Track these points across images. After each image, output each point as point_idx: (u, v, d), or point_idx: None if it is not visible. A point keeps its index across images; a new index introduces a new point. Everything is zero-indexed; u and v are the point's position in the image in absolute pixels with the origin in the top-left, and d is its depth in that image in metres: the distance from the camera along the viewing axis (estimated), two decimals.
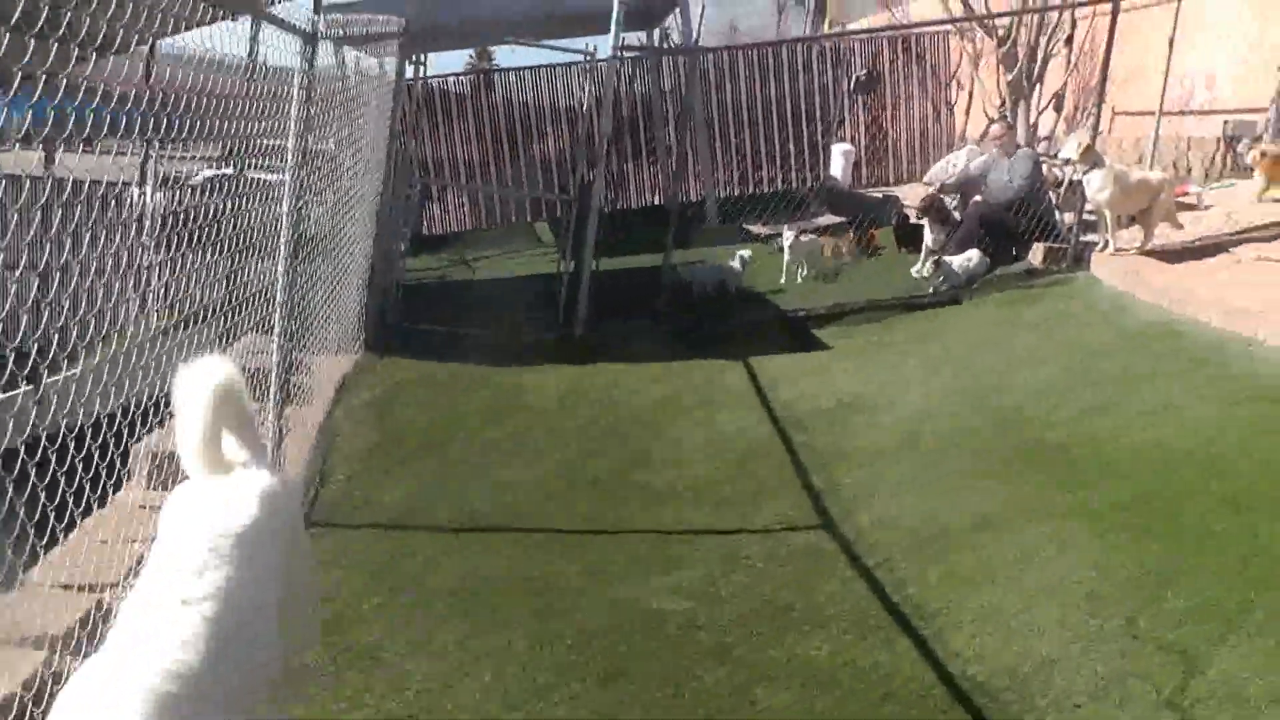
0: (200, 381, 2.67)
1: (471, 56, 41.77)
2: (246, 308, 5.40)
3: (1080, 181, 9.56)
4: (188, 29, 4.32)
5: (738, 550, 5.03)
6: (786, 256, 11.06)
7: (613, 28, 9.24)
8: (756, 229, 12.90)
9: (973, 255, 9.83)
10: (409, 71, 10.86)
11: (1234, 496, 4.74)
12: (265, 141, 5.68)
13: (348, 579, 4.95)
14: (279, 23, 5.03)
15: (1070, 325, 8.08)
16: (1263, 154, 10.36)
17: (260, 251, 5.52)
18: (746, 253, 10.92)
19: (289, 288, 5.62)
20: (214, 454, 2.71)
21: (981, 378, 7.18)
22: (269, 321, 5.63)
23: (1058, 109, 14.73)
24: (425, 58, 10.48)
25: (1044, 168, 10.99)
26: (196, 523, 2.58)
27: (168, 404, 2.92)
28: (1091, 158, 9.27)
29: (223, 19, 4.62)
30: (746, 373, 7.86)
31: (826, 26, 24.52)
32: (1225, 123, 12.17)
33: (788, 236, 11.09)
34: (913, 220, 11.57)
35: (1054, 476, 5.35)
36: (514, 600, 4.68)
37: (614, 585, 4.76)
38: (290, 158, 5.57)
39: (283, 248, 5.56)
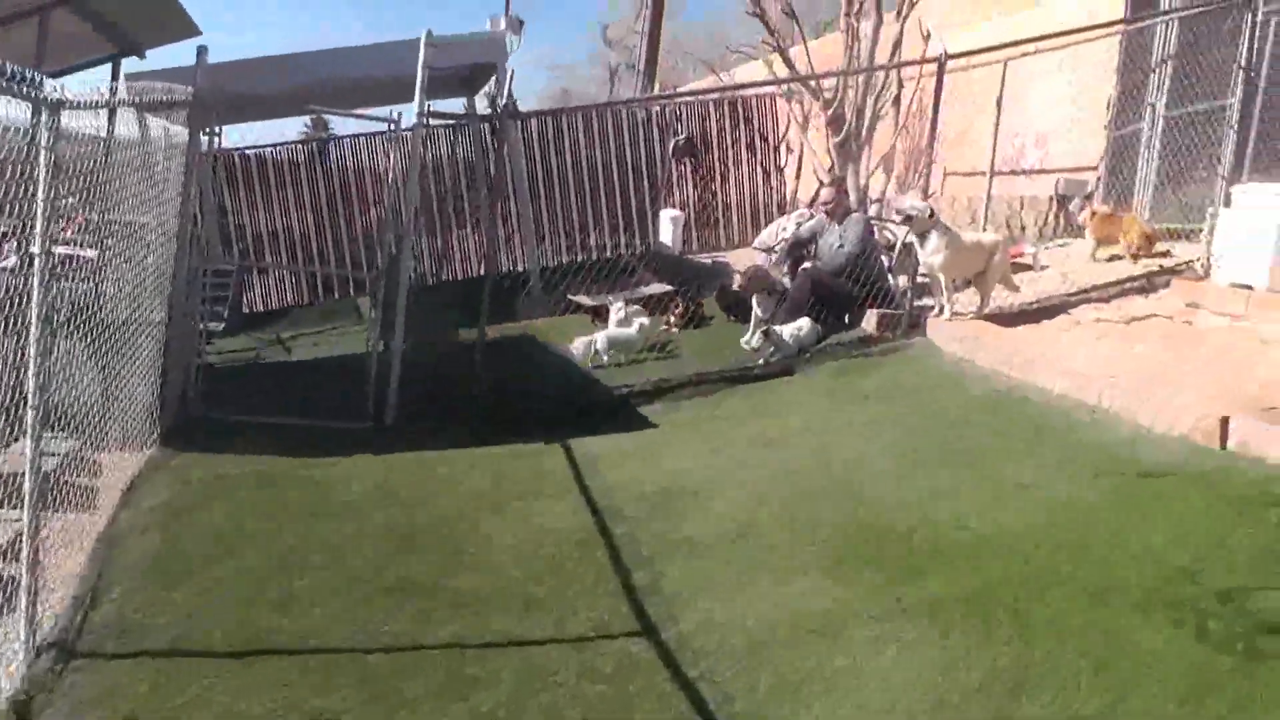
0: None
1: (308, 125, 41.06)
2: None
3: (913, 244, 9.38)
4: None
5: (547, 665, 4.50)
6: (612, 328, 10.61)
7: (417, 95, 8.81)
8: (581, 299, 12.47)
9: (803, 324, 9.53)
10: (218, 141, 10.23)
11: (1091, 586, 4.41)
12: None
13: None
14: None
15: (909, 396, 7.80)
16: (1093, 214, 10.41)
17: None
18: (645, 320, 10.48)
19: (44, 385, 4.96)
20: None
21: (816, 455, 6.80)
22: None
23: (888, 170, 14.68)
24: (221, 130, 9.80)
25: (876, 231, 10.81)
26: None
27: None
28: (930, 225, 9.09)
29: None
30: (567, 457, 7.37)
31: (656, 90, 24.49)
32: (1057, 182, 12.25)
33: (616, 307, 10.68)
34: (736, 288, 11.33)
35: (895, 567, 4.96)
36: None
37: (404, 716, 4.19)
38: (38, 240, 4.94)
39: (34, 330, 4.90)
